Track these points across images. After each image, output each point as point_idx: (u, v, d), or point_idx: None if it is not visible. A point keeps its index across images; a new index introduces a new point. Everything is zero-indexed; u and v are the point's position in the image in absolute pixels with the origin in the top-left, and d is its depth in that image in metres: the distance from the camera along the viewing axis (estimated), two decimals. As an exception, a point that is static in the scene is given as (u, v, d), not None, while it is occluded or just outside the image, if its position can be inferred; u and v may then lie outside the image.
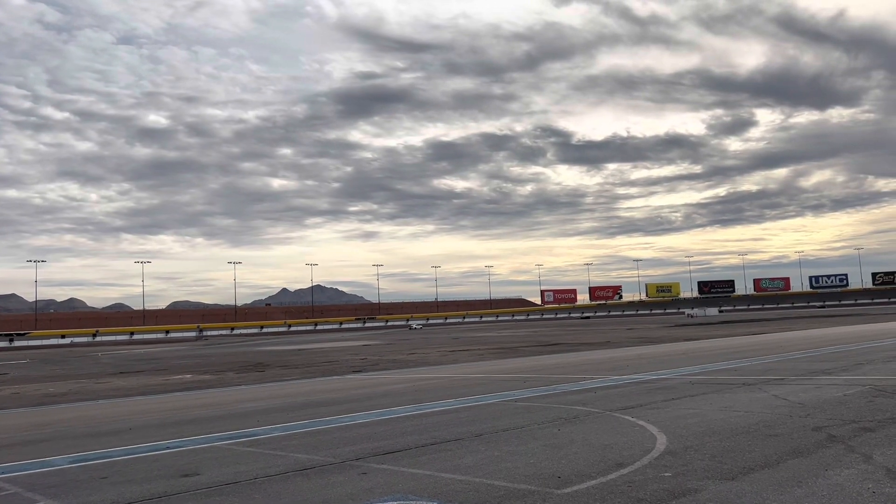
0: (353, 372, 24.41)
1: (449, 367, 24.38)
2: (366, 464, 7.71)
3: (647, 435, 8.59)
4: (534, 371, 20.21)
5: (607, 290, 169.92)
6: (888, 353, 19.94)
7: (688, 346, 29.93)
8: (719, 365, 18.75)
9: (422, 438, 9.17)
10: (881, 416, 9.11)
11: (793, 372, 15.69)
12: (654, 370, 18.02)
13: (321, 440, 9.60)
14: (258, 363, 33.26)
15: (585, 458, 7.42)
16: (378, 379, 20.70)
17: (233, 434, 10.63)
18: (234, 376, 25.32)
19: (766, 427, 8.73)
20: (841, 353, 20.91)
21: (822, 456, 6.96)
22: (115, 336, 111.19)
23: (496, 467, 7.17)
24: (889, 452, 6.97)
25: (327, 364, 29.80)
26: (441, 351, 36.18)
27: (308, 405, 14.33)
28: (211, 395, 18.62)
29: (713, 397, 11.95)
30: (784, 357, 20.32)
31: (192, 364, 35.83)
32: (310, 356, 37.90)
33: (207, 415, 13.71)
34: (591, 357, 25.49)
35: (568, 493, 6.02)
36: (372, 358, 32.82)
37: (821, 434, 8.09)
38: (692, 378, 15.50)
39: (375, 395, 15.91)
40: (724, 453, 7.29)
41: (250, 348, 56.65)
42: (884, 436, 7.83)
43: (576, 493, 6.00)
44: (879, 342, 24.97)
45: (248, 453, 8.89)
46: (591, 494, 5.92)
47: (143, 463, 8.66)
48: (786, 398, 11.32)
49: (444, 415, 11.59)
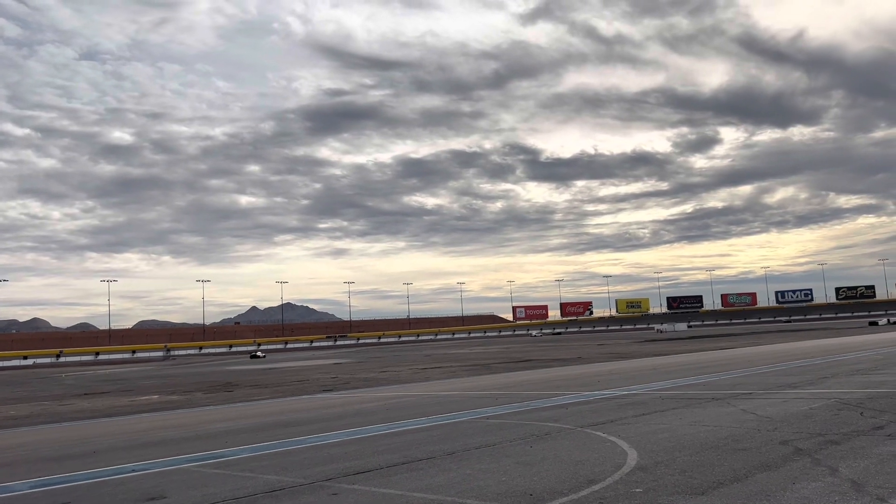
0: (324, 391, 24.16)
1: (421, 384, 24.26)
2: (336, 484, 7.62)
3: (618, 451, 8.62)
4: (506, 388, 20.20)
5: (578, 305, 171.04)
6: (852, 366, 20.32)
7: (658, 361, 30.18)
8: (689, 380, 18.93)
9: (393, 457, 9.09)
10: (846, 429, 9.26)
11: (760, 386, 15.90)
12: (624, 386, 18.14)
13: (291, 461, 9.47)
14: (227, 383, 32.77)
15: (557, 474, 7.41)
16: (349, 397, 20.52)
17: (200, 456, 10.44)
18: (203, 396, 24.91)
19: (734, 441, 8.82)
20: (807, 367, 21.25)
21: (789, 469, 7.05)
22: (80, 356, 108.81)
23: (468, 486, 7.14)
24: (854, 465, 7.08)
25: (298, 383, 29.47)
26: (413, 368, 36.01)
27: (278, 425, 14.14)
28: (178, 416, 18.29)
29: (683, 412, 12.05)
30: (752, 371, 20.59)
31: (160, 384, 35.18)
32: (280, 375, 37.45)
33: (174, 436, 13.45)
34: (563, 373, 25.57)
35: (540, 510, 6.00)
36: (343, 376, 32.54)
37: (788, 447, 8.20)
38: (662, 393, 15.62)
39: (347, 413, 15.76)
40: (693, 468, 7.34)
41: (219, 368, 55.83)
42: (849, 448, 7.95)
43: (548, 510, 5.98)
44: (843, 356, 25.45)
45: (216, 475, 8.73)
46: (562, 512, 5.91)
47: (107, 487, 8.45)
48: (754, 412, 11.46)
49: (416, 433, 11.52)
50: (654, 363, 28.55)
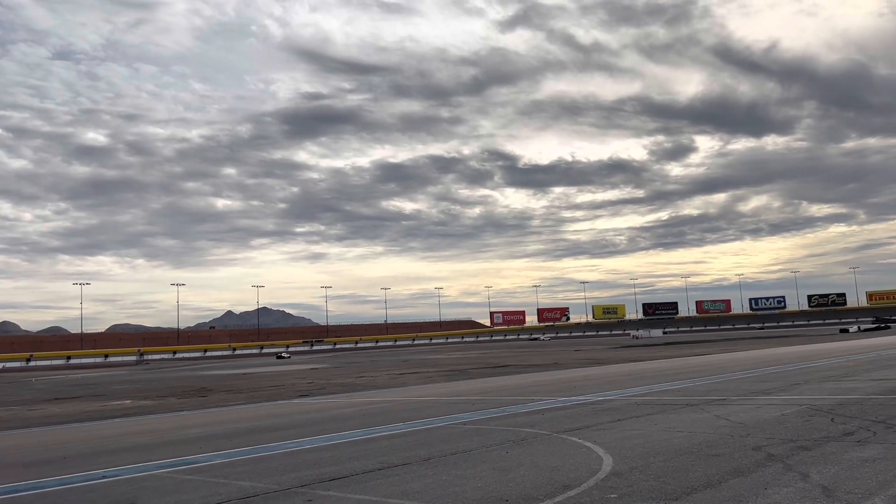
0: (299, 396, 23.99)
1: (398, 390, 24.20)
2: (311, 491, 7.56)
3: (593, 456, 8.66)
4: (482, 393, 20.21)
5: (555, 311, 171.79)
6: (823, 373, 20.62)
7: (633, 367, 30.39)
8: (664, 386, 19.09)
9: (369, 463, 9.05)
10: (817, 435, 9.39)
11: (734, 392, 16.07)
12: (601, 391, 18.24)
13: (265, 467, 9.38)
14: (201, 388, 32.42)
15: (533, 480, 7.43)
16: (325, 403, 20.39)
17: (173, 462, 10.31)
18: (176, 401, 24.61)
19: (708, 447, 8.90)
20: (779, 373, 21.53)
21: (761, 475, 7.12)
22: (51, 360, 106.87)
23: (444, 492, 7.12)
24: (824, 470, 7.17)
25: (273, 388, 29.24)
26: (390, 374, 35.90)
27: (252, 431, 14.01)
28: (151, 421, 18.05)
29: (658, 418, 12.14)
30: (726, 378, 20.81)
31: (132, 389, 34.70)
32: (255, 380, 37.13)
33: (147, 442, 13.27)
34: (540, 379, 25.65)
35: (515, 516, 6.00)
36: (319, 382, 32.34)
37: (760, 453, 8.29)
38: (638, 399, 15.73)
39: (322, 419, 15.66)
40: (667, 474, 7.39)
41: (193, 372, 55.21)
42: (819, 454, 8.06)
43: (523, 516, 5.99)
44: (815, 363, 25.83)
45: (188, 481, 8.62)
46: (538, 518, 5.92)
47: (76, 493, 8.31)
48: (727, 418, 11.58)
49: (392, 439, 11.48)
50: (629, 369, 28.75)
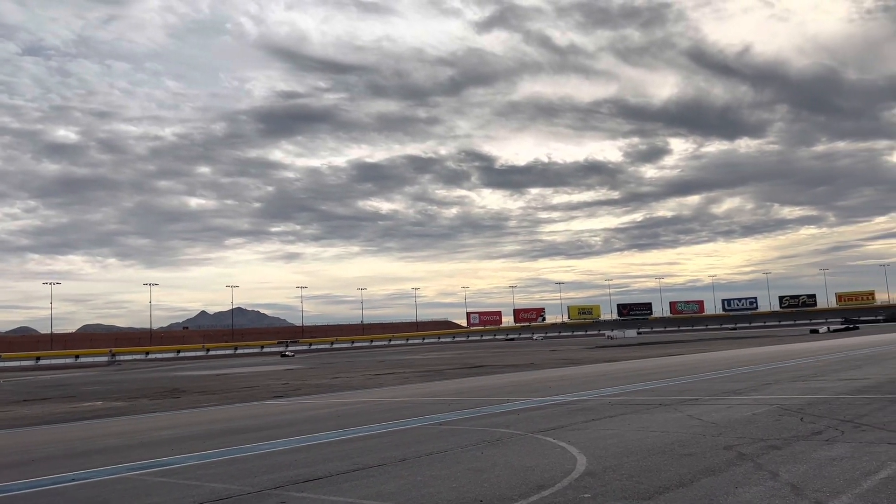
0: (274, 397, 23.82)
1: (374, 390, 24.13)
2: (285, 492, 7.51)
3: (567, 456, 8.71)
4: (459, 394, 20.23)
5: (531, 312, 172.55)
6: (794, 373, 20.95)
7: (608, 367, 30.62)
8: (638, 386, 19.25)
9: (344, 465, 9.01)
10: (787, 434, 9.54)
11: (707, 392, 16.26)
12: (575, 391, 18.34)
13: (239, 469, 9.30)
14: (174, 389, 32.05)
15: (507, 480, 7.45)
16: (300, 404, 20.27)
17: (144, 464, 10.18)
18: (148, 403, 24.31)
19: (681, 446, 9.00)
20: (751, 373, 21.83)
21: (732, 474, 7.21)
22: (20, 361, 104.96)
23: (419, 493, 7.12)
24: (794, 469, 7.29)
25: (247, 389, 28.99)
26: (366, 374, 35.79)
27: (226, 432, 13.88)
28: (122, 422, 17.80)
29: (631, 418, 12.24)
30: (699, 378, 21.05)
31: (104, 390, 34.20)
32: (229, 381, 36.79)
33: (118, 444, 13.08)
34: (515, 379, 25.73)
35: (490, 517, 6.02)
36: (294, 382, 32.14)
37: (731, 453, 8.40)
38: (612, 399, 15.85)
39: (297, 420, 15.57)
40: (640, 473, 7.46)
41: (166, 373, 54.58)
42: (789, 453, 8.19)
43: (497, 516, 6.01)
44: (786, 363, 26.23)
45: (160, 484, 8.52)
46: (512, 518, 5.93)
47: (45, 497, 8.17)
48: (700, 418, 11.71)
49: (367, 440, 11.44)
50: (604, 369, 28.96)
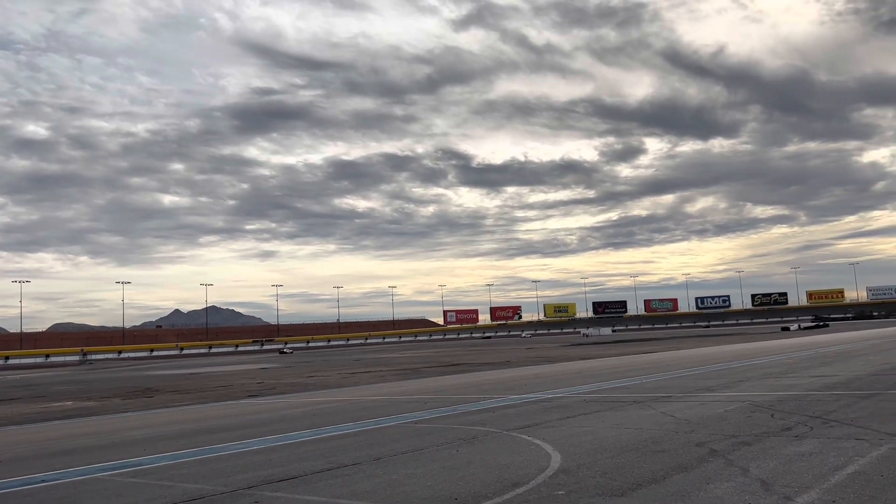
0: (248, 396, 23.64)
1: (350, 389, 24.05)
2: (259, 492, 7.46)
3: (542, 454, 8.76)
4: (435, 392, 20.24)
5: (507, 310, 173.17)
6: (765, 370, 21.26)
7: (583, 364, 30.83)
8: (612, 383, 19.41)
9: (318, 464, 8.97)
10: (757, 431, 9.68)
11: (680, 389, 16.44)
12: (550, 389, 18.44)
13: (212, 468, 9.21)
14: (147, 388, 31.68)
15: (482, 478, 7.47)
16: (275, 403, 20.14)
17: (115, 464, 10.04)
18: (120, 402, 23.99)
19: (654, 443, 9.09)
20: (723, 370, 22.11)
21: (704, 470, 7.30)
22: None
23: (393, 491, 7.11)
24: (764, 465, 7.40)
25: (221, 388, 28.74)
26: (342, 373, 35.66)
27: (199, 432, 13.74)
28: (93, 422, 17.55)
29: (606, 415, 12.34)
30: (672, 375, 21.28)
31: (74, 390, 33.69)
32: (203, 380, 36.45)
33: (88, 444, 12.89)
34: (492, 377, 25.81)
35: (464, 514, 6.03)
36: (269, 382, 31.93)
37: (703, 449, 8.50)
38: (586, 396, 15.96)
39: (272, 420, 15.46)
40: (614, 470, 7.52)
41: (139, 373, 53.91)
42: (759, 449, 8.31)
43: (472, 514, 6.02)
44: (758, 360, 26.61)
45: (131, 484, 8.42)
46: (486, 515, 5.95)
47: (15, 498, 8.03)
48: (673, 415, 11.84)
49: (342, 439, 11.40)
50: (579, 367, 29.15)
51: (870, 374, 17.94)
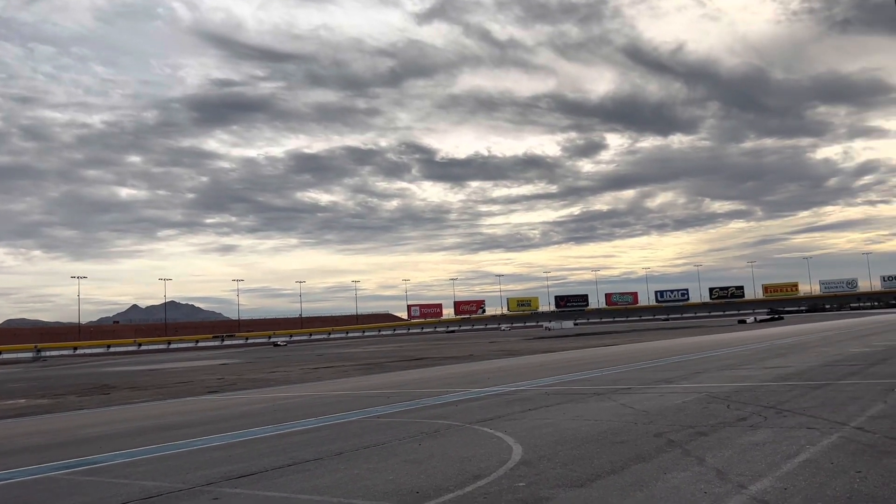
0: (208, 392, 23.32)
1: (312, 384, 23.89)
2: (218, 489, 7.37)
3: (503, 446, 8.82)
4: (398, 386, 20.22)
5: (471, 304, 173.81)
6: (722, 362, 21.72)
7: (545, 357, 31.11)
8: (573, 375, 19.63)
9: (279, 459, 8.89)
10: (714, 421, 9.88)
11: (639, 381, 16.70)
12: (513, 382, 18.57)
13: (170, 465, 9.07)
14: (103, 385, 31.03)
15: (444, 471, 7.49)
16: (236, 399, 19.91)
17: (70, 463, 9.82)
18: (76, 400, 23.46)
19: (613, 434, 9.22)
20: (681, 362, 22.52)
21: (661, 460, 7.44)
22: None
23: (355, 486, 7.09)
24: (720, 454, 7.56)
25: (181, 385, 28.30)
26: (304, 368, 35.40)
27: (157, 429, 13.52)
28: (47, 420, 17.13)
29: (567, 407, 12.48)
30: (632, 367, 21.60)
31: (27, 387, 32.82)
32: (161, 377, 35.85)
33: (42, 442, 12.58)
34: (455, 370, 25.88)
35: (426, 508, 6.04)
36: (230, 377, 31.54)
37: (661, 440, 8.65)
38: (548, 389, 16.12)
39: (232, 416, 15.28)
40: (574, 461, 7.61)
41: (95, 369, 52.79)
42: (716, 439, 8.49)
43: (433, 507, 6.04)
44: (715, 352, 27.16)
45: (87, 482, 8.24)
46: (448, 508, 5.97)
47: (-39, 500, 7.80)
48: (632, 406, 12.02)
49: (304, 434, 11.32)
50: (541, 360, 29.41)
51: (822, 364, 18.45)
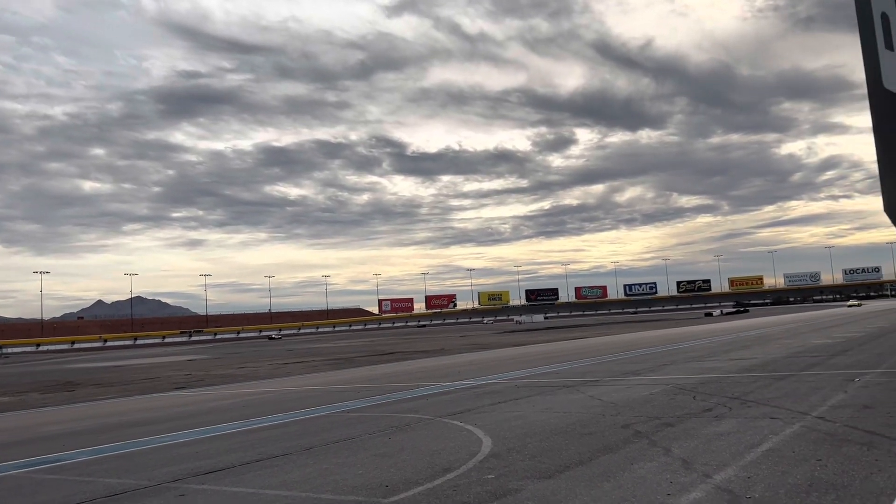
0: (175, 388, 23.03)
1: (281, 380, 23.72)
2: (184, 485, 7.28)
3: (473, 439, 8.85)
4: (368, 381, 20.17)
5: (443, 298, 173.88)
6: (688, 354, 22.04)
7: (515, 351, 31.27)
8: (543, 368, 19.76)
9: (247, 455, 8.81)
10: (680, 412, 10.03)
11: (607, 374, 16.87)
12: (483, 375, 18.64)
13: (135, 462, 8.94)
14: (67, 382, 30.46)
15: (414, 465, 7.49)
16: (203, 395, 19.69)
17: (33, 461, 9.63)
18: (39, 397, 23.00)
19: (581, 426, 9.30)
20: (649, 355, 22.81)
21: (628, 451, 7.52)
22: None
23: (324, 480, 7.05)
24: (685, 445, 7.67)
25: (147, 381, 27.90)
26: (273, 364, 35.14)
27: (123, 426, 13.31)
28: (8, 418, 16.76)
29: (536, 399, 12.56)
30: (601, 360, 21.81)
31: (-12, 385, 32.09)
32: (127, 373, 35.30)
33: (3, 441, 12.31)
34: (426, 365, 25.90)
35: (395, 501, 6.04)
36: (197, 373, 31.17)
37: (629, 431, 8.75)
38: (518, 382, 16.20)
39: (199, 412, 15.11)
40: (543, 453, 7.66)
41: (59, 366, 51.80)
42: (681, 430, 8.61)
43: (403, 500, 6.04)
44: (682, 344, 27.55)
45: (49, 481, 8.09)
46: (417, 501, 5.98)
47: (-83, 500, 7.59)
48: (600, 398, 12.15)
49: (272, 430, 11.24)
50: (511, 353, 29.56)
51: (785, 356, 18.82)
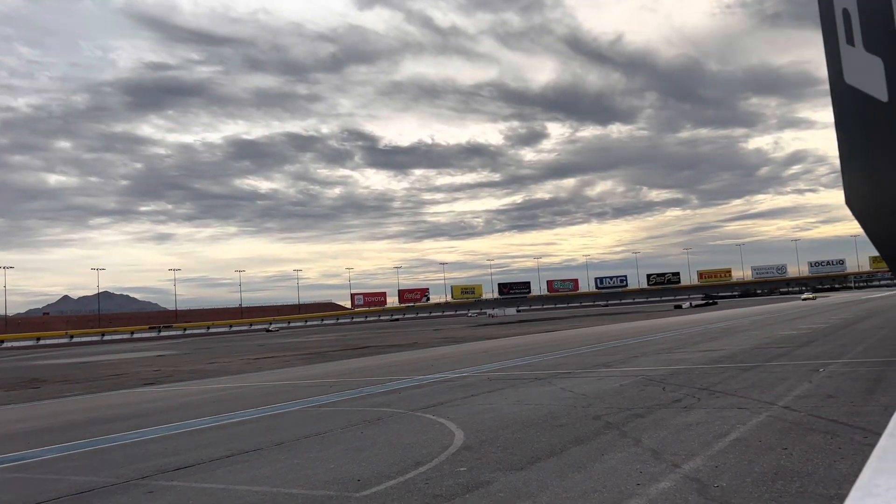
0: (144, 384, 22.72)
1: (252, 375, 23.52)
2: (153, 482, 7.19)
3: (446, 432, 8.86)
4: (341, 375, 20.09)
5: (415, 292, 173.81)
6: (659, 346, 22.30)
7: (488, 344, 31.38)
8: (515, 361, 19.86)
9: (217, 451, 8.73)
10: (650, 403, 10.15)
11: (579, 366, 17.01)
12: (456, 369, 18.68)
13: (103, 460, 8.80)
14: (32, 379, 29.88)
15: (386, 458, 7.48)
16: (173, 391, 19.45)
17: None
18: (3, 395, 22.52)
19: (553, 418, 9.37)
20: (620, 347, 23.04)
21: (599, 442, 7.59)
22: None
23: (295, 475, 7.01)
24: (655, 435, 7.76)
25: (115, 377, 27.48)
26: (244, 359, 34.83)
27: (90, 423, 13.10)
28: (-29, 417, 16.39)
29: (508, 392, 12.62)
30: (572, 352, 21.98)
31: (-50, 383, 31.34)
32: (95, 369, 34.74)
33: (-35, 440, 12.03)
34: (399, 358, 25.88)
35: (367, 495, 6.03)
36: (167, 369, 30.79)
37: (599, 422, 8.84)
38: (490, 375, 16.26)
39: (169, 408, 14.92)
40: (515, 445, 7.70)
41: (24, 363, 50.80)
42: (651, 421, 8.71)
43: (374, 494, 6.03)
44: (652, 336, 27.88)
45: (14, 480, 7.93)
46: (389, 495, 5.98)
47: None
48: (571, 390, 12.24)
49: (243, 425, 11.14)
50: (484, 346, 29.65)
51: (752, 347, 19.15)
